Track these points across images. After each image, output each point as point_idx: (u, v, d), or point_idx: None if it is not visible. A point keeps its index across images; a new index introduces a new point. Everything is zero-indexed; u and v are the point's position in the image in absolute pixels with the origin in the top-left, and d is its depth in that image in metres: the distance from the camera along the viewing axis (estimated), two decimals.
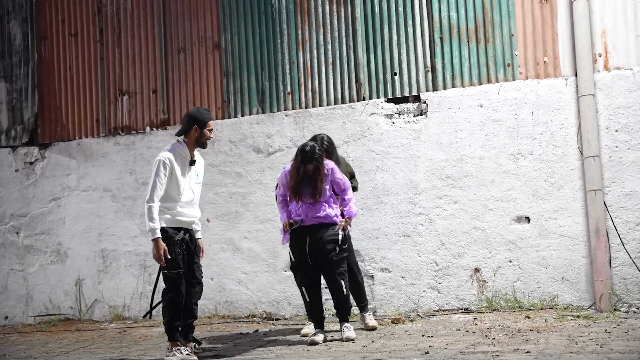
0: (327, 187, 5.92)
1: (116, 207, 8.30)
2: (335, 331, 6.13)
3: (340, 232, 5.88)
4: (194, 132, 5.53)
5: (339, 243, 5.86)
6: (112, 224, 8.31)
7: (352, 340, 5.75)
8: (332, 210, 5.94)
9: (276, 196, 6.16)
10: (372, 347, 5.36)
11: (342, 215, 6.00)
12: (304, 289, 5.91)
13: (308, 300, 5.89)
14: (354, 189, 6.34)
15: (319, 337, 5.76)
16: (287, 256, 7.07)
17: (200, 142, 5.58)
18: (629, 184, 6.48)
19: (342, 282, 5.85)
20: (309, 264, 5.86)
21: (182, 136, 5.59)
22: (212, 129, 5.64)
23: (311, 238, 5.85)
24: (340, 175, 5.99)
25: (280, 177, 6.05)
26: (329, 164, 5.94)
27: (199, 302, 5.58)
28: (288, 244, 6.02)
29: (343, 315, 5.92)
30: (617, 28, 6.62)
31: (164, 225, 5.40)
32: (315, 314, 5.93)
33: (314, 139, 6.24)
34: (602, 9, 6.66)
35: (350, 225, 6.03)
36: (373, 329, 6.19)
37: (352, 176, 6.47)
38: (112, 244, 8.29)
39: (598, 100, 6.59)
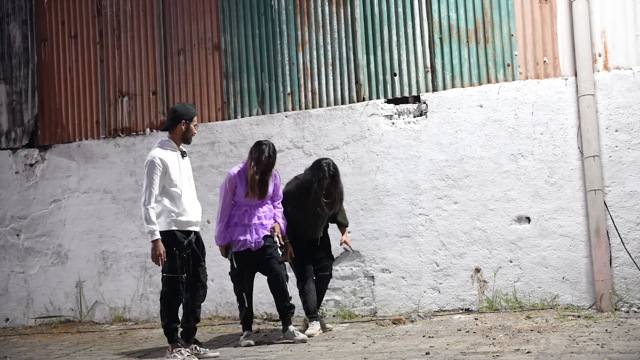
0: (272, 188, 6.10)
1: (116, 209, 8.31)
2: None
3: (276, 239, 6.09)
4: (181, 127, 5.55)
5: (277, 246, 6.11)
6: (112, 226, 8.31)
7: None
8: (270, 218, 6.09)
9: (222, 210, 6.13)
10: (373, 348, 5.37)
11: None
12: (244, 295, 6.05)
13: (247, 306, 6.05)
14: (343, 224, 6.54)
15: (252, 340, 5.99)
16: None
17: (186, 137, 5.62)
18: (629, 183, 6.48)
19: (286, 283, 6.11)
20: (251, 271, 6.07)
21: (168, 132, 5.60)
22: (197, 124, 5.70)
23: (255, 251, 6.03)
24: (279, 182, 6.22)
25: (227, 182, 6.04)
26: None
27: None
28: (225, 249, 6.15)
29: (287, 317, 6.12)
30: (616, 28, 6.61)
31: (174, 228, 5.40)
32: (251, 318, 6.15)
33: (318, 162, 6.30)
34: (601, 9, 6.66)
35: (281, 237, 6.14)
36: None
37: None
38: (113, 245, 8.29)
39: (598, 100, 6.59)
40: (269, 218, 6.08)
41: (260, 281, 7.57)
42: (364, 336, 5.99)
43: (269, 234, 6.00)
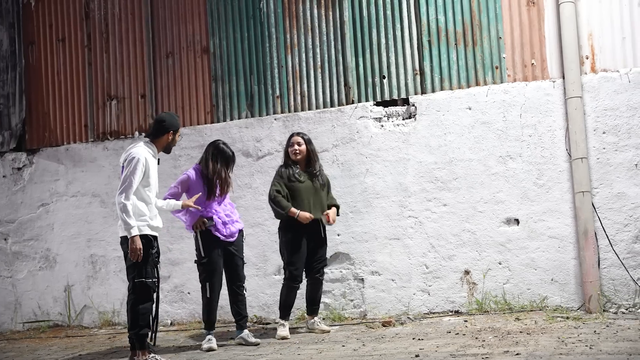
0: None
1: (105, 213, 8.26)
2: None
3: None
4: (167, 138, 5.52)
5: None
6: (101, 230, 8.27)
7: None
8: (234, 214, 6.32)
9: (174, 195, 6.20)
10: (362, 351, 5.37)
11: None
12: (207, 285, 6.12)
13: (209, 297, 6.11)
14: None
15: (214, 344, 6.06)
16: (277, 260, 7.08)
17: (170, 147, 5.61)
18: (617, 185, 6.52)
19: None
20: (221, 262, 6.16)
21: (150, 138, 5.55)
22: (180, 135, 5.83)
23: (227, 243, 6.19)
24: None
25: (187, 178, 6.17)
26: None
27: (190, 307, 5.57)
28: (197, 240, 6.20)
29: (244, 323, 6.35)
30: (603, 30, 6.66)
31: (148, 232, 5.35)
32: (215, 314, 6.23)
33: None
34: (588, 12, 6.70)
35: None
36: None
37: None
38: (101, 249, 8.25)
39: (585, 102, 6.63)
40: (234, 214, 6.32)
41: (249, 284, 7.57)
42: (353, 339, 5.99)
43: (240, 231, 6.31)
